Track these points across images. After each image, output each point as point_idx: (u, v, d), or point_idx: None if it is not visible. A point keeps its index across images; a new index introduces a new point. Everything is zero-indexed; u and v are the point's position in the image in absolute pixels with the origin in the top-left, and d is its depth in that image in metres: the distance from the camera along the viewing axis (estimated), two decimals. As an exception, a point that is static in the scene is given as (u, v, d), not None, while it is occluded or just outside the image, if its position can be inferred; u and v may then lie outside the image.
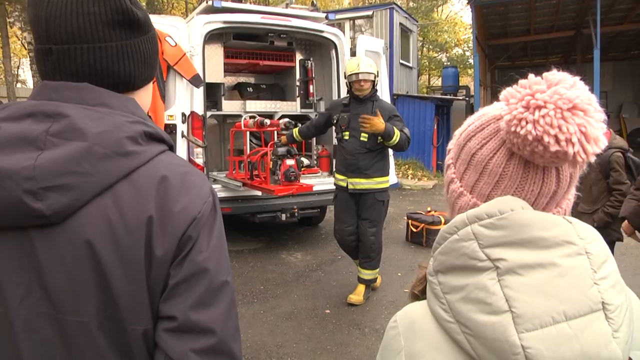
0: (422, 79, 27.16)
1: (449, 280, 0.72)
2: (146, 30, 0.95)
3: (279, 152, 5.23)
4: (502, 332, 0.63)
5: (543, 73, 0.72)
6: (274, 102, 6.99)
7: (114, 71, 0.91)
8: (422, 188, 12.44)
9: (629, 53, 18.03)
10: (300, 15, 6.61)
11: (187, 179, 0.90)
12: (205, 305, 0.85)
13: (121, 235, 0.82)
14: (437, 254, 0.75)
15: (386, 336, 0.82)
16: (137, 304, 0.83)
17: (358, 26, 16.09)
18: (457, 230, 0.72)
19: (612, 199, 3.89)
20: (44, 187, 0.78)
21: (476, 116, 0.82)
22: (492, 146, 0.76)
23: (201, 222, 0.88)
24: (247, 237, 7.13)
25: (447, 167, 0.86)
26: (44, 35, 0.87)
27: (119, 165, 0.83)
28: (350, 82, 4.50)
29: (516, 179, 0.75)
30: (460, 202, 0.82)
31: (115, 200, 0.83)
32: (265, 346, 3.89)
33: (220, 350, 0.85)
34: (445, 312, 0.71)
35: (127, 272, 0.82)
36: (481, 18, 14.74)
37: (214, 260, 0.88)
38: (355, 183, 4.54)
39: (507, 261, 0.66)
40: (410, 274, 5.62)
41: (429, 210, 7.32)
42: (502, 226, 0.69)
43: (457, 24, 30.14)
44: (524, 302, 0.64)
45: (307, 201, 6.21)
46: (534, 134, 0.68)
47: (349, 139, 4.53)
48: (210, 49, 6.49)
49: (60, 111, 0.82)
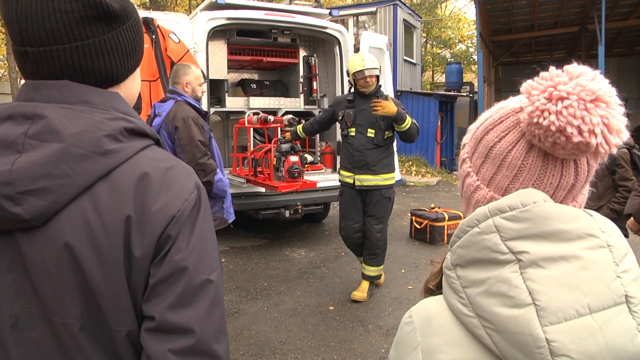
0: (425, 75, 27.09)
1: (468, 274, 0.71)
2: (125, 19, 0.91)
3: (282, 148, 5.23)
4: (526, 325, 0.62)
5: (564, 66, 0.72)
6: (277, 99, 6.99)
7: (94, 69, 0.88)
8: (425, 185, 12.43)
9: (634, 49, 17.91)
10: (303, 12, 6.59)
11: (170, 174, 0.88)
12: (184, 305, 0.83)
13: (99, 237, 0.81)
14: (455, 248, 0.75)
15: (400, 332, 0.81)
16: (119, 305, 0.82)
17: (362, 22, 16.04)
18: (478, 223, 0.72)
19: (617, 195, 3.87)
20: (22, 192, 0.77)
21: (494, 109, 0.82)
22: (511, 139, 0.76)
23: (181, 220, 0.85)
24: (251, 234, 7.14)
25: (462, 161, 0.86)
26: (18, 37, 0.83)
27: (98, 165, 0.81)
28: (355, 79, 4.48)
29: (535, 172, 0.75)
30: (476, 195, 0.81)
31: (93, 201, 0.81)
32: (269, 342, 3.89)
33: (200, 351, 0.84)
34: (465, 306, 0.70)
35: (107, 274, 0.81)
36: (485, 14, 14.67)
37: (194, 258, 0.85)
38: (362, 179, 4.53)
39: (529, 254, 0.66)
40: (414, 271, 5.62)
41: (432, 207, 7.31)
42: (525, 219, 0.68)
43: (460, 20, 30.01)
44: (547, 295, 0.63)
45: (310, 198, 6.21)
46: (557, 125, 0.67)
47: (356, 135, 4.52)
48: (214, 46, 6.49)
49: (38, 112, 0.81)
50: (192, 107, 3.73)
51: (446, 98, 15.07)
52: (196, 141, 3.62)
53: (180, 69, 3.89)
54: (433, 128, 14.12)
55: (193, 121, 3.66)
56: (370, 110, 4.41)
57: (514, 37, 17.06)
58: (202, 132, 3.68)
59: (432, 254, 6.29)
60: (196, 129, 3.65)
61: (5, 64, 19.98)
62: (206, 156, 3.64)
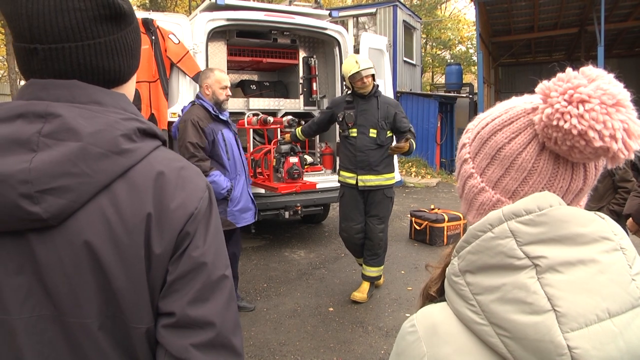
0: (425, 76, 27.10)
1: (480, 280, 0.69)
2: (131, 20, 0.92)
3: (282, 149, 5.23)
4: (546, 332, 0.61)
5: (580, 68, 0.71)
6: (277, 100, 6.99)
7: (104, 68, 0.88)
8: (425, 186, 12.43)
9: (634, 50, 17.93)
10: (303, 13, 6.59)
11: (183, 174, 0.89)
12: (204, 300, 0.85)
13: (120, 235, 0.81)
14: (465, 253, 0.72)
15: (402, 342, 0.77)
16: (138, 302, 0.83)
17: (361, 23, 16.05)
18: (491, 227, 0.69)
19: (617, 196, 3.87)
20: (41, 190, 0.76)
21: (501, 109, 0.79)
22: (522, 140, 0.74)
23: (198, 218, 0.87)
24: (250, 235, 7.13)
25: (462, 161, 0.83)
26: (27, 34, 0.82)
27: (115, 164, 0.82)
28: (352, 81, 4.48)
29: (545, 175, 0.73)
30: (480, 198, 0.79)
31: (112, 199, 0.82)
32: (269, 344, 3.89)
33: (220, 344, 0.85)
34: (476, 314, 0.68)
35: (128, 271, 0.81)
36: (485, 15, 14.69)
37: (211, 255, 0.87)
38: (365, 180, 4.54)
39: (547, 259, 0.64)
40: (413, 272, 5.61)
41: (432, 208, 7.31)
42: (542, 222, 0.67)
43: (460, 21, 30.03)
44: (567, 300, 0.62)
45: (310, 199, 6.21)
46: (578, 128, 0.66)
47: (358, 135, 4.52)
48: (214, 47, 6.48)
49: (52, 111, 0.80)
50: (205, 110, 3.85)
51: (446, 99, 15.08)
52: (186, 143, 3.75)
53: (202, 72, 4.11)
54: (433, 129, 14.12)
55: (192, 123, 3.79)
56: (371, 110, 4.46)
57: (513, 38, 17.08)
58: (198, 135, 3.79)
59: (432, 255, 6.29)
60: (192, 131, 3.78)
61: (5, 64, 19.98)
62: (194, 157, 3.74)
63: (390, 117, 4.46)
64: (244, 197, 4.15)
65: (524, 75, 20.62)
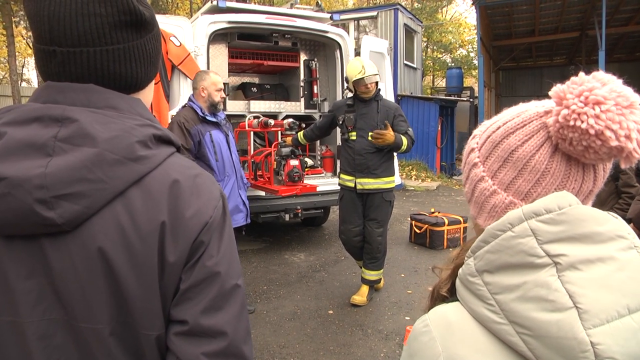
0: (426, 79, 27.14)
1: (499, 279, 0.69)
2: (152, 28, 0.93)
3: (282, 152, 5.23)
4: (569, 329, 0.61)
5: (592, 72, 0.72)
6: (278, 103, 6.99)
7: (121, 74, 0.88)
8: (425, 189, 12.43)
9: (634, 54, 17.96)
10: (304, 16, 6.60)
11: (198, 181, 0.89)
12: (217, 309, 0.85)
13: (134, 242, 0.81)
14: (483, 253, 0.72)
15: (415, 343, 0.77)
16: (150, 309, 0.83)
17: (362, 27, 16.08)
18: (511, 227, 0.70)
19: (620, 201, 3.87)
20: (56, 196, 0.76)
21: (512, 113, 0.80)
22: (535, 142, 0.75)
23: (213, 227, 0.87)
24: (251, 238, 7.13)
25: (472, 165, 0.83)
26: (47, 36, 0.83)
27: (131, 170, 0.81)
28: (356, 86, 4.50)
29: (558, 177, 0.74)
30: (492, 200, 0.79)
31: (127, 206, 0.81)
32: (269, 346, 3.89)
33: (232, 353, 0.85)
34: (495, 313, 0.69)
35: (140, 279, 0.81)
36: (486, 19, 14.71)
37: (225, 264, 0.87)
38: (364, 183, 4.55)
39: (567, 257, 0.65)
40: (413, 275, 5.61)
41: (432, 212, 7.31)
42: (562, 221, 0.68)
43: (461, 25, 30.09)
44: (588, 297, 0.63)
45: (310, 201, 6.21)
46: (596, 128, 0.67)
47: (357, 139, 4.54)
48: (215, 49, 6.49)
49: (68, 115, 0.80)
50: (193, 111, 3.92)
51: (446, 103, 15.09)
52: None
53: (198, 75, 4.16)
54: (433, 133, 14.13)
55: (177, 124, 3.94)
56: (371, 114, 4.48)
57: (514, 42, 17.11)
58: (183, 136, 3.88)
59: (432, 258, 6.28)
60: (177, 132, 3.89)
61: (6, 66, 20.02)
62: None
63: (389, 121, 4.48)
64: (233, 199, 4.17)
65: (524, 79, 20.65)
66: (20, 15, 18.65)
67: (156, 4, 21.14)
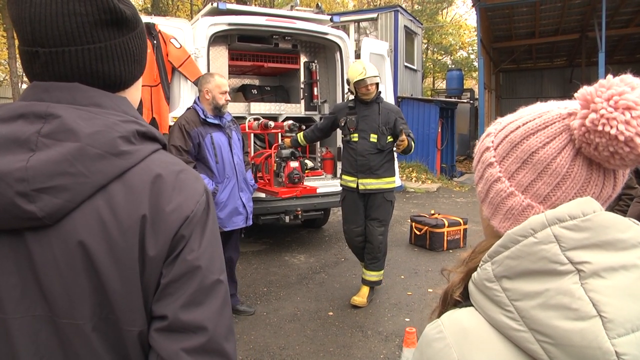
0: (426, 81, 27.15)
1: (520, 286, 0.68)
2: (134, 26, 0.93)
3: (282, 154, 5.24)
4: (593, 338, 0.60)
5: (620, 74, 0.70)
6: (278, 104, 7.00)
7: (104, 72, 0.89)
8: (426, 191, 12.43)
9: (635, 56, 17.96)
10: (304, 18, 6.61)
11: (181, 177, 0.89)
12: (197, 304, 0.84)
13: (115, 236, 0.81)
14: (502, 259, 0.70)
15: (429, 349, 0.75)
16: (131, 305, 0.83)
17: (363, 29, 16.09)
18: (533, 232, 0.68)
19: (621, 202, 3.87)
20: (37, 189, 0.77)
21: (533, 113, 0.77)
22: (557, 145, 0.72)
23: (194, 221, 0.87)
24: (250, 239, 7.13)
25: (487, 165, 0.81)
26: (29, 37, 0.84)
27: (113, 165, 0.82)
28: (356, 87, 4.54)
29: (579, 181, 0.72)
30: (509, 202, 0.77)
31: (108, 200, 0.82)
32: (268, 348, 3.89)
33: (212, 349, 0.85)
34: (514, 320, 0.67)
35: (122, 273, 0.81)
36: (486, 21, 14.73)
37: (206, 259, 0.87)
38: (365, 183, 4.60)
39: (591, 264, 0.64)
40: (413, 277, 5.61)
41: (432, 213, 7.31)
42: (586, 228, 0.66)
43: (461, 27, 30.10)
44: (613, 306, 0.61)
45: (310, 203, 6.21)
46: (626, 135, 0.65)
47: (359, 140, 4.59)
48: (215, 51, 6.50)
49: (52, 112, 0.81)
50: (196, 113, 3.99)
51: (447, 104, 15.08)
52: (170, 145, 3.91)
53: (202, 77, 4.22)
54: (433, 134, 14.13)
55: (178, 127, 4.01)
56: (372, 115, 4.54)
57: (514, 44, 17.13)
58: (183, 138, 3.95)
59: (432, 260, 6.28)
60: (177, 134, 3.97)
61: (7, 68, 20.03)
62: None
63: (390, 123, 4.54)
64: (232, 201, 4.19)
65: (525, 80, 20.66)
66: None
67: (156, 6, 21.18)
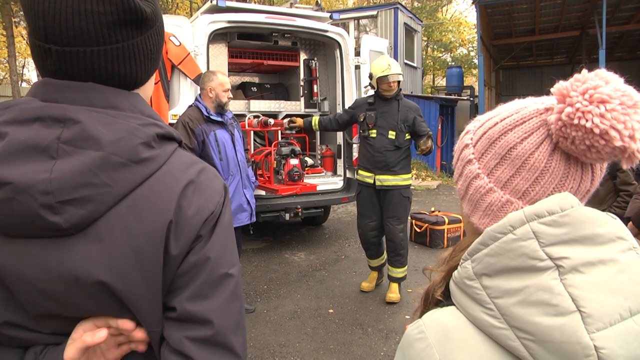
0: (426, 79, 27.12)
1: (499, 283, 0.68)
2: (153, 22, 0.88)
3: (282, 151, 5.24)
4: (573, 333, 0.60)
5: (595, 70, 0.71)
6: (277, 102, 7.00)
7: (119, 73, 0.85)
8: (426, 188, 12.43)
9: (635, 53, 17.94)
10: (304, 15, 6.59)
11: (201, 178, 0.88)
12: (203, 296, 0.84)
13: (140, 243, 0.80)
14: (482, 256, 0.70)
15: (411, 350, 0.74)
16: (155, 306, 0.83)
17: (362, 26, 16.08)
18: (512, 229, 0.68)
19: (618, 199, 3.87)
20: (62, 201, 0.75)
21: (510, 110, 0.78)
22: (534, 140, 0.73)
23: (212, 221, 0.87)
24: (251, 237, 7.13)
25: (466, 162, 0.81)
26: (41, 32, 0.79)
27: (135, 173, 0.80)
28: (379, 82, 4.55)
29: (557, 175, 0.72)
30: (489, 198, 0.77)
31: (132, 207, 0.80)
32: (269, 345, 3.89)
33: (218, 343, 0.84)
34: (494, 318, 0.67)
35: (147, 278, 0.81)
36: (486, 18, 14.71)
37: (216, 251, 0.86)
38: (382, 180, 4.64)
39: (570, 259, 0.64)
40: (413, 274, 5.61)
41: (432, 211, 7.32)
42: (565, 223, 0.67)
43: (461, 24, 30.07)
44: (592, 300, 0.61)
45: (310, 201, 6.21)
46: (600, 127, 0.66)
47: (377, 136, 4.62)
48: (215, 49, 6.49)
49: (70, 116, 0.78)
50: (198, 111, 3.98)
51: (447, 102, 15.08)
52: None
53: (205, 75, 4.22)
54: (434, 132, 14.07)
55: (182, 124, 3.99)
56: (391, 112, 4.58)
57: (514, 41, 17.10)
58: (187, 135, 3.93)
59: (432, 257, 6.28)
60: (181, 132, 3.94)
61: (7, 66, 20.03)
62: None
63: (409, 121, 4.57)
64: (237, 198, 4.20)
65: (524, 77, 20.62)
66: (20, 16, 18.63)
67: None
